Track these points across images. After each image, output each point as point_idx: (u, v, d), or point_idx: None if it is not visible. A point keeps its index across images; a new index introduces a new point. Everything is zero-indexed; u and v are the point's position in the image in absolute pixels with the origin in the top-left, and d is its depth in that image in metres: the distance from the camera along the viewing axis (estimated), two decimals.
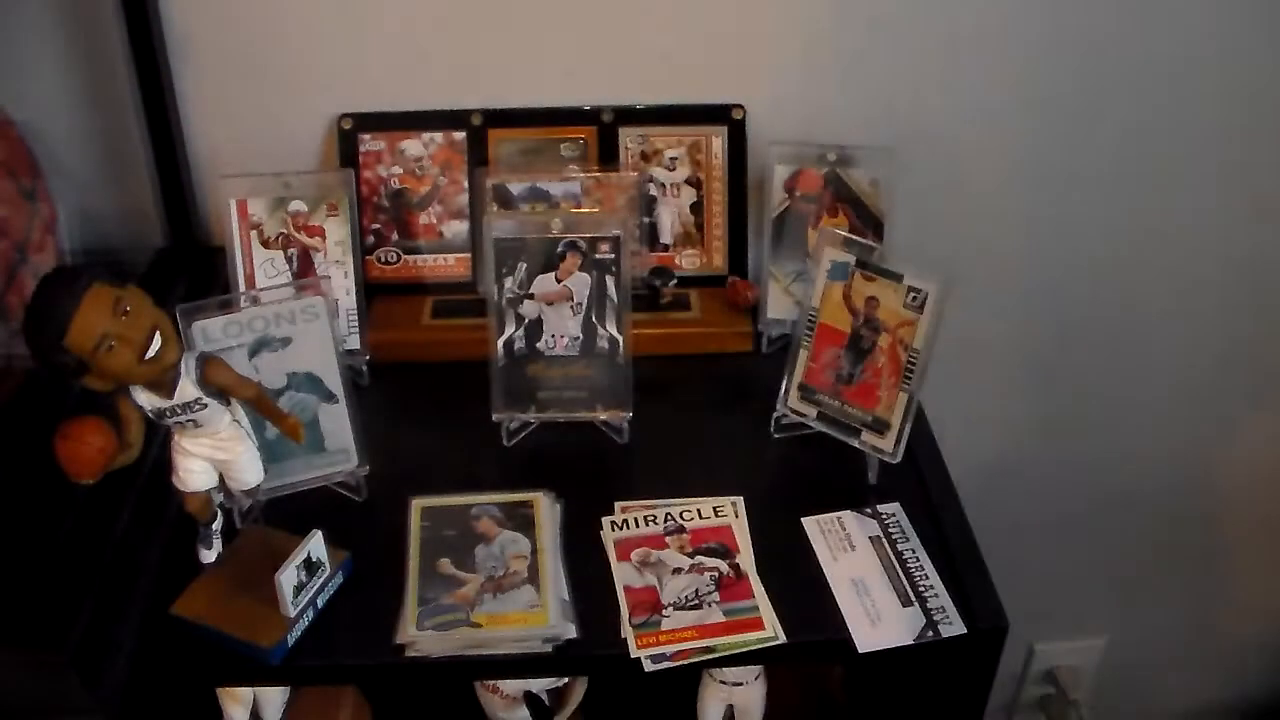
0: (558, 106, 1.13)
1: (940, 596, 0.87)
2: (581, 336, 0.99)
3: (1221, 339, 1.36)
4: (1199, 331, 1.35)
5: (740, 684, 1.02)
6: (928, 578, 0.89)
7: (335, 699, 1.10)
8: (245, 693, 1.00)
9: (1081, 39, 1.14)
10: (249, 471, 0.86)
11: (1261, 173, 1.24)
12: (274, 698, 1.03)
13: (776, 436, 1.01)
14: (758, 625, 0.84)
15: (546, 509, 0.93)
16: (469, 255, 1.15)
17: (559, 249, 0.97)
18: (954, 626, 0.85)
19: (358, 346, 1.06)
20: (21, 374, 0.94)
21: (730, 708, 1.04)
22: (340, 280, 1.05)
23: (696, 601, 0.86)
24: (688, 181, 1.15)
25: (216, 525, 0.87)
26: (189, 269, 1.14)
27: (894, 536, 0.92)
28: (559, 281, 0.98)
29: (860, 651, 0.83)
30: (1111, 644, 1.66)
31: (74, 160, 1.12)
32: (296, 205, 1.04)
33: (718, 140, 1.14)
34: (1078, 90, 1.17)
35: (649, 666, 0.82)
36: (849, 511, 0.94)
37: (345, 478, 0.94)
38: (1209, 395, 1.41)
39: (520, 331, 0.99)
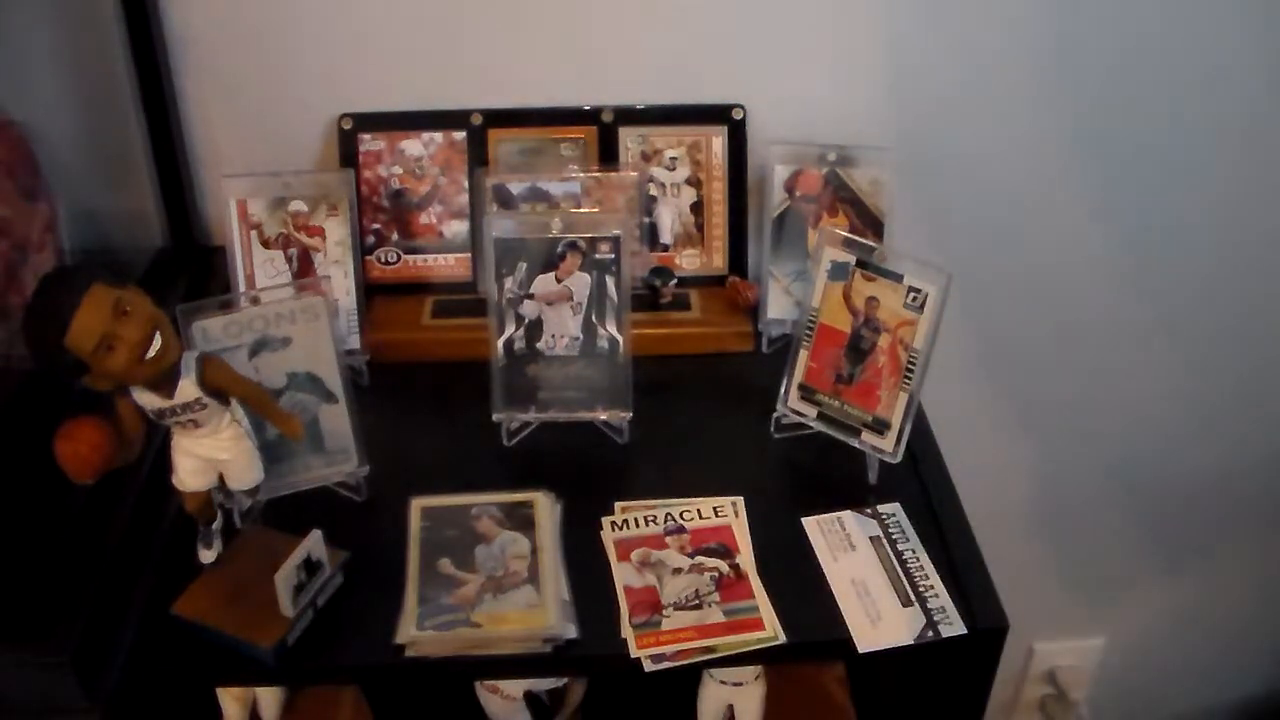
0: (558, 106, 1.13)
1: (940, 596, 0.87)
2: (581, 336, 0.99)
3: (1223, 340, 1.36)
4: (1200, 332, 1.35)
5: (740, 684, 1.02)
6: (928, 578, 0.89)
7: (335, 699, 1.10)
8: (245, 692, 1.00)
9: (1082, 38, 1.14)
10: (249, 471, 0.86)
11: (1267, 174, 1.24)
12: (273, 698, 1.03)
13: (776, 436, 1.01)
14: (758, 625, 0.84)
15: (546, 509, 0.93)
16: (469, 255, 1.15)
17: (559, 249, 0.97)
18: (954, 626, 0.85)
19: (358, 346, 1.06)
20: (21, 374, 0.94)
21: (730, 708, 1.04)
22: (340, 280, 1.05)
23: (696, 602, 0.86)
24: (688, 181, 1.15)
25: (216, 525, 0.87)
26: (189, 269, 1.14)
27: (894, 536, 0.92)
28: (559, 281, 0.98)
29: (860, 651, 0.83)
30: (1111, 644, 1.66)
31: (74, 160, 1.12)
32: (296, 205, 1.04)
33: (718, 140, 1.14)
34: (1079, 89, 1.17)
35: (649, 666, 0.82)
36: (849, 511, 0.94)
37: (345, 478, 0.94)
38: (1209, 396, 1.41)
39: (520, 331, 0.99)
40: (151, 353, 0.76)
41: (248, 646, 0.81)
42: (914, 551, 0.91)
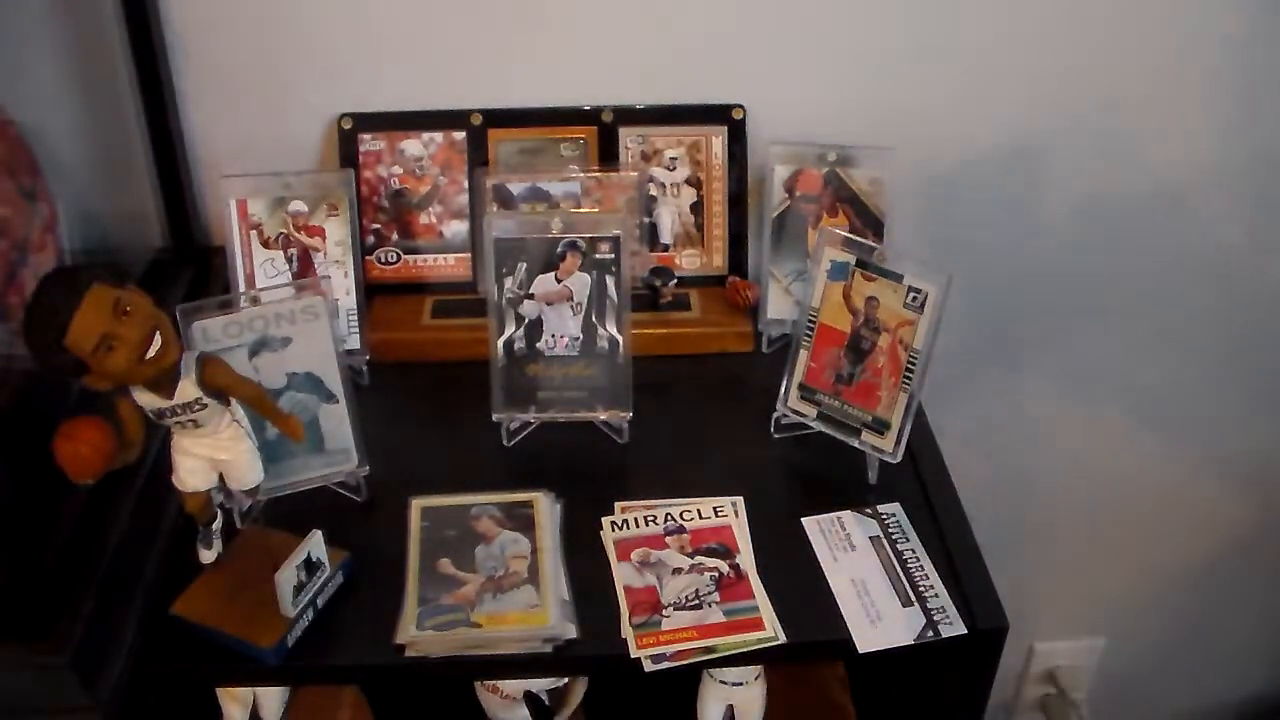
0: (558, 106, 1.13)
1: (940, 596, 0.87)
2: (581, 336, 0.99)
3: (1220, 340, 1.36)
4: (1198, 332, 1.35)
5: (740, 684, 1.02)
6: (928, 578, 0.89)
7: (335, 699, 1.10)
8: (245, 693, 1.00)
9: (1082, 39, 1.14)
10: (249, 471, 0.85)
11: (1265, 174, 1.24)
12: (274, 698, 1.03)
13: (776, 436, 1.01)
14: (758, 625, 0.84)
15: (546, 509, 0.93)
16: (469, 255, 1.15)
17: (559, 249, 0.97)
18: (954, 626, 0.85)
19: (358, 346, 1.06)
20: (21, 374, 0.94)
21: (730, 708, 1.04)
22: (340, 280, 1.05)
23: (696, 601, 0.86)
24: (688, 181, 1.15)
25: (216, 525, 0.87)
26: (189, 269, 1.14)
27: (894, 536, 0.92)
28: (559, 281, 0.98)
29: (860, 651, 0.83)
30: (1111, 644, 1.66)
31: (74, 160, 1.12)
32: (296, 205, 1.04)
33: (718, 140, 1.14)
34: (1078, 90, 1.17)
35: (649, 666, 0.82)
36: (849, 511, 0.94)
37: (345, 478, 0.94)
38: (1208, 396, 1.41)
39: (520, 331, 0.99)
40: (151, 353, 0.76)
41: (248, 646, 0.81)
42: (914, 551, 0.91)
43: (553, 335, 0.99)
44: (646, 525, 0.93)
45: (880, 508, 0.95)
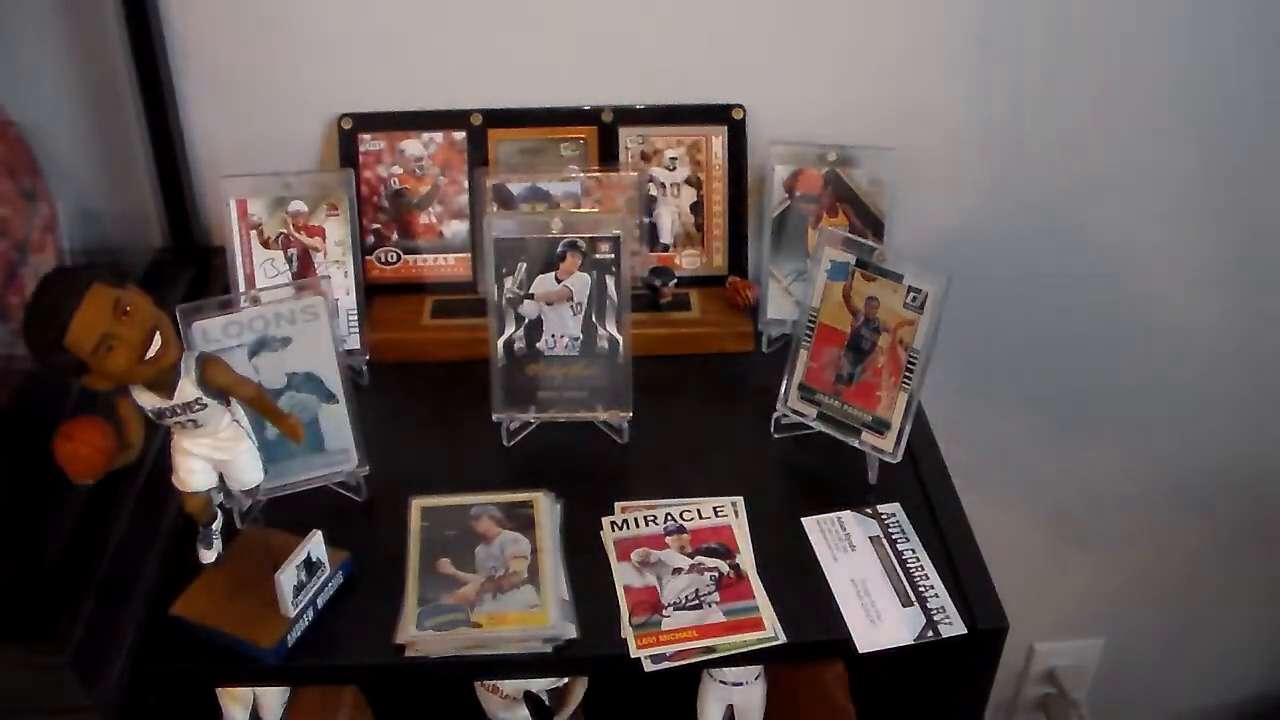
0: (558, 106, 1.13)
1: (940, 596, 0.87)
2: (581, 336, 0.99)
3: (1222, 341, 1.36)
4: (1199, 333, 1.35)
5: (740, 684, 1.02)
6: (928, 578, 0.89)
7: (335, 699, 1.10)
8: (245, 693, 1.00)
9: (1082, 39, 1.14)
10: (249, 471, 0.85)
11: (1268, 175, 1.24)
12: (274, 698, 1.03)
13: (776, 436, 1.01)
14: (758, 625, 0.84)
15: (546, 509, 0.93)
16: (469, 255, 1.15)
17: (559, 249, 0.97)
18: (954, 626, 0.85)
19: (358, 346, 1.06)
20: (21, 374, 0.94)
21: (730, 708, 1.04)
22: (340, 280, 1.05)
23: (696, 601, 0.86)
24: (688, 181, 1.15)
25: (216, 525, 0.87)
26: (189, 269, 1.14)
27: (894, 536, 0.92)
28: (559, 281, 0.98)
29: (860, 651, 0.83)
30: (1111, 644, 1.66)
31: (74, 160, 1.12)
32: (296, 205, 1.04)
33: (718, 140, 1.14)
34: (1079, 90, 1.17)
35: (649, 666, 0.82)
36: (849, 511, 0.94)
37: (345, 478, 0.94)
38: (1208, 397, 1.41)
39: (520, 331, 0.99)
40: (151, 353, 0.76)
41: (248, 646, 0.81)
42: (914, 551, 0.91)
43: (553, 335, 0.99)
44: (646, 525, 0.93)
45: (880, 508, 0.95)
